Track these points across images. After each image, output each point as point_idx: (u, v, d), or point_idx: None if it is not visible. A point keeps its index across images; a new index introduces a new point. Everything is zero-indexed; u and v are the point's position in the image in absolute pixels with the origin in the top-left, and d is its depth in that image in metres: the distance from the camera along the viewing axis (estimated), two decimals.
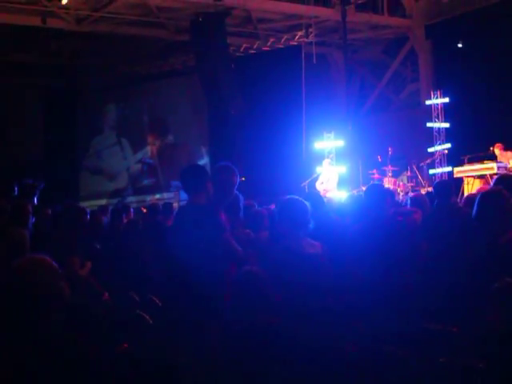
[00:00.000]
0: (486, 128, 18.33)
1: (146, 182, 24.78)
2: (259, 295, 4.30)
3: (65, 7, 17.58)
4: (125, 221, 10.23)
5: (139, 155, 25.01)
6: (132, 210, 11.90)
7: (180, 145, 24.09)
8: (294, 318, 4.52)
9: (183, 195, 7.78)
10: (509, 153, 16.52)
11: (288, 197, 5.65)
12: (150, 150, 24.96)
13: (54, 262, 3.57)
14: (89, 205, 19.49)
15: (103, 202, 23.38)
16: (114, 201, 23.62)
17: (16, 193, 10.27)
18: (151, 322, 5.37)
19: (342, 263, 5.57)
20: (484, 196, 5.45)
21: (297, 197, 5.67)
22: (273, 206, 9.27)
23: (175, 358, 4.24)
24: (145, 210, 13.40)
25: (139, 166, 24.93)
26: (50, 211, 9.71)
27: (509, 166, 15.91)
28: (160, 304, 5.98)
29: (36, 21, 19.31)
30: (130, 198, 24.25)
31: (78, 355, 3.43)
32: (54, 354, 3.33)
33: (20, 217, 7.57)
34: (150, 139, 24.96)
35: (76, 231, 6.77)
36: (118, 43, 22.04)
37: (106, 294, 6.83)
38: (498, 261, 4.92)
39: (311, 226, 5.41)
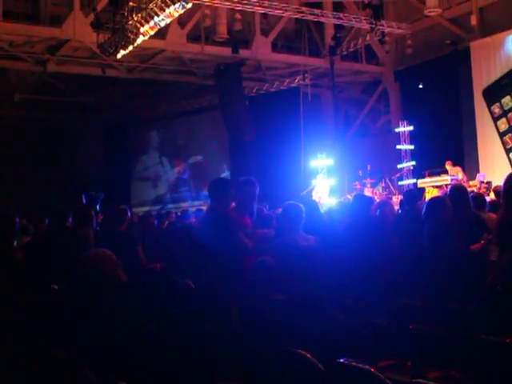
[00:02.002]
0: (441, 148, 18.34)
1: (181, 190, 24.84)
2: (271, 279, 4.28)
3: (119, 60, 17.64)
4: (166, 223, 10.25)
5: (176, 170, 25.07)
6: (174, 214, 11.94)
7: (207, 163, 24.04)
8: (295, 295, 4.49)
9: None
10: (457, 167, 16.59)
11: (288, 202, 5.64)
12: (183, 166, 24.95)
13: (113, 254, 3.56)
14: (138, 210, 19.51)
15: (148, 208, 23.40)
16: (157, 207, 23.63)
17: (84, 201, 10.31)
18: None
19: (333, 252, 5.55)
20: (430, 201, 5.49)
21: (295, 202, 5.65)
22: (279, 210, 9.26)
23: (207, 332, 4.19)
24: (179, 214, 13.37)
25: (176, 179, 25.02)
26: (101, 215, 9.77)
27: (459, 178, 15.90)
28: (193, 286, 5.93)
29: (98, 71, 19.44)
30: (169, 205, 24.24)
31: (132, 328, 3.39)
32: (113, 325, 3.31)
33: (85, 219, 7.57)
34: (183, 158, 24.96)
35: (126, 227, 6.68)
36: (159, 87, 22.13)
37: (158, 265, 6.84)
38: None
39: (303, 221, 5.39)
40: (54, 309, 4.16)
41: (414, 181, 17.92)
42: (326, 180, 19.34)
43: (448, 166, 16.49)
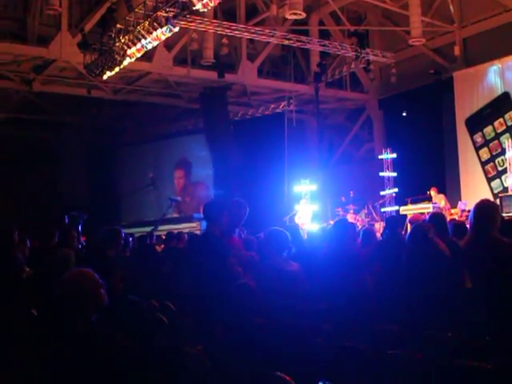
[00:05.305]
0: (423, 176, 18.50)
1: (171, 214, 24.44)
2: (251, 302, 4.29)
3: (105, 81, 17.72)
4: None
5: (167, 191, 24.64)
6: (155, 236, 11.91)
7: (198, 183, 23.84)
8: (275, 319, 4.51)
9: (204, 225, 7.67)
10: (440, 195, 16.69)
11: (273, 227, 5.66)
12: (175, 187, 24.67)
13: (95, 274, 3.56)
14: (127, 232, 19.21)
15: (135, 230, 22.95)
16: (144, 228, 23.18)
17: (66, 221, 10.30)
18: (167, 322, 5.30)
19: (314, 278, 5.57)
20: (414, 228, 5.57)
21: (280, 227, 5.68)
22: (261, 235, 9.27)
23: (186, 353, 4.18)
24: (164, 237, 13.30)
25: (167, 200, 24.53)
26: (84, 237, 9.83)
27: (441, 205, 16.01)
28: (174, 309, 5.92)
29: (83, 91, 19.48)
30: (160, 227, 23.66)
31: (112, 349, 3.39)
32: (92, 347, 3.31)
33: (67, 240, 7.58)
34: (175, 180, 24.67)
35: (115, 249, 6.58)
36: (145, 109, 22.17)
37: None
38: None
39: (293, 250, 5.40)
40: (31, 334, 4.13)
41: (397, 208, 18.04)
42: (308, 205, 19.41)
43: (433, 193, 16.62)
